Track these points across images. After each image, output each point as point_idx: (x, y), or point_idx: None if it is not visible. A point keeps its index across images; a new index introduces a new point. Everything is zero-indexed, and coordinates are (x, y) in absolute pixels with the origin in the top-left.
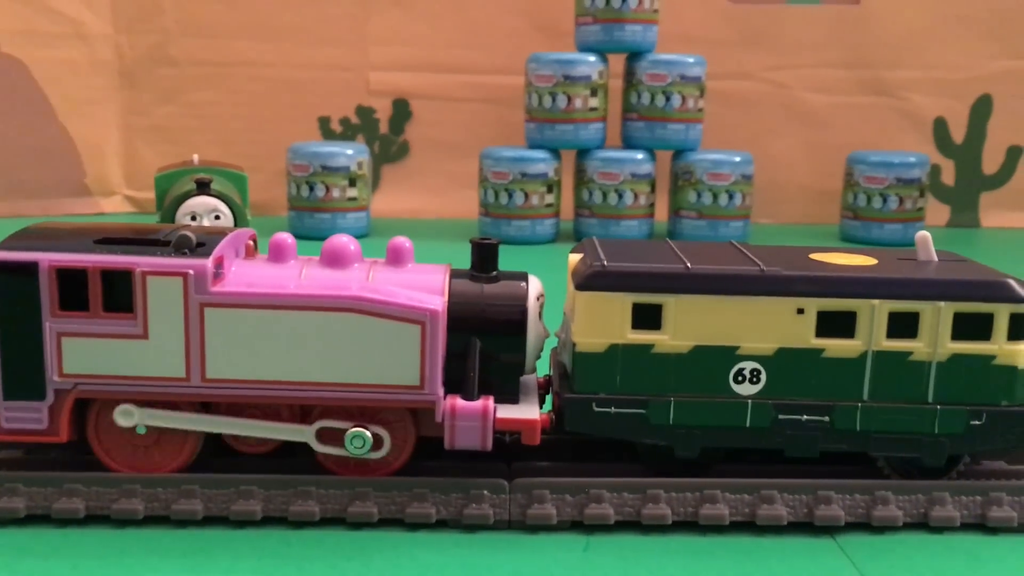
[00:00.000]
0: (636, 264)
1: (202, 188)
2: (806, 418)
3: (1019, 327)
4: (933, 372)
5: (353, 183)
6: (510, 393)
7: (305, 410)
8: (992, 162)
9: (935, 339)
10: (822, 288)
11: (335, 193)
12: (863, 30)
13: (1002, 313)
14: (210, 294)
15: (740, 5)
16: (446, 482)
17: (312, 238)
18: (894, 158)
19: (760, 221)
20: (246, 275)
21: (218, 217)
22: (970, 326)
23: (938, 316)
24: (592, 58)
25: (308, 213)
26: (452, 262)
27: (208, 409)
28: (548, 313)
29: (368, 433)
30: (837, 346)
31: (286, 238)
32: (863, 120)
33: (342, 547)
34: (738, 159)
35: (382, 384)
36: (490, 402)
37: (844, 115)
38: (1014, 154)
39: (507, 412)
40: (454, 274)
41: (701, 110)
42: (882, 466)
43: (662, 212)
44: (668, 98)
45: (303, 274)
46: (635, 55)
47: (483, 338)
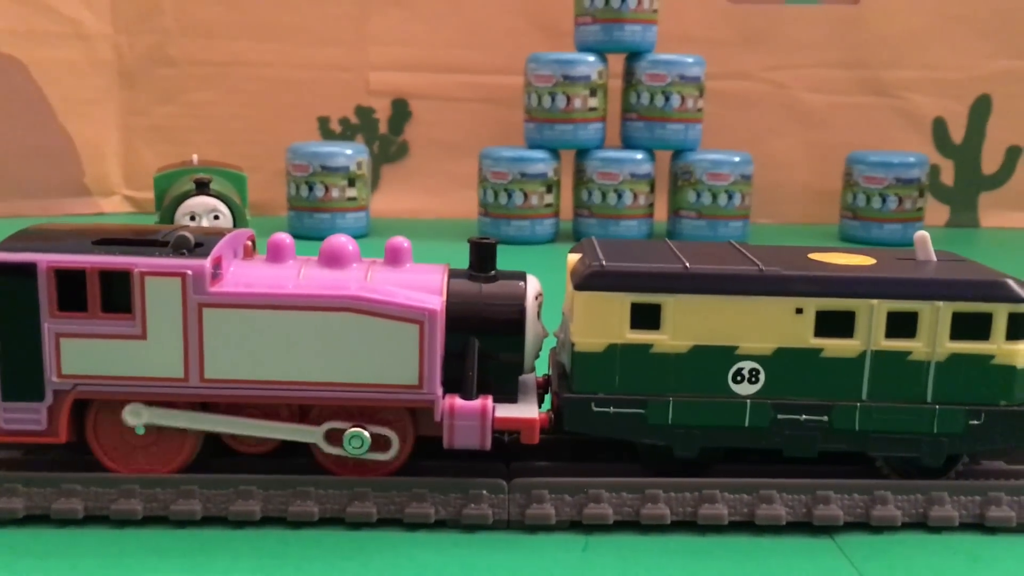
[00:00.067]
0: (635, 264)
1: (201, 188)
2: (805, 418)
3: (1018, 327)
4: (932, 372)
5: (352, 183)
6: (509, 393)
7: (304, 410)
8: (991, 162)
9: (934, 339)
10: (821, 288)
11: (334, 193)
12: (862, 30)
13: (1001, 313)
14: (208, 294)
15: (739, 5)
16: (445, 482)
17: (311, 238)
18: (893, 158)
19: (759, 221)
20: (244, 275)
21: (217, 217)
22: (969, 326)
23: (937, 316)
24: (591, 58)
25: (307, 213)
26: (451, 262)
27: (207, 410)
28: (547, 313)
29: (366, 433)
30: (836, 346)
31: (284, 238)
32: (862, 120)
33: (341, 547)
34: (737, 159)
35: (381, 384)
36: (489, 401)
37: (843, 115)
38: (1013, 154)
39: (506, 411)
40: (452, 274)
41: (700, 110)
42: (881, 466)
43: (661, 212)
44: (667, 98)
45: (301, 274)
46: (634, 55)
47: (482, 338)
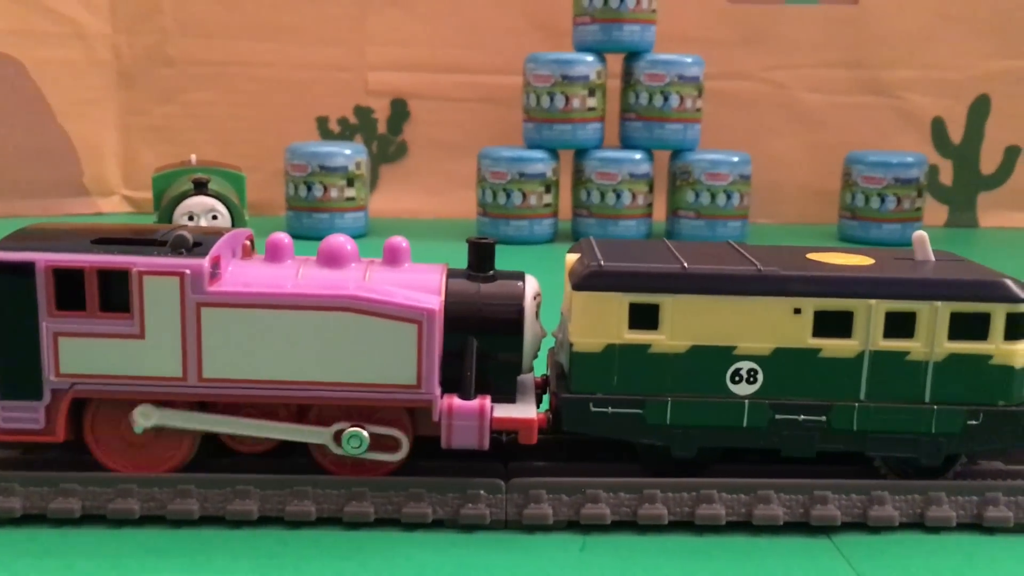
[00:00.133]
0: (633, 264)
1: (199, 188)
2: (803, 418)
3: (1016, 327)
4: (930, 372)
5: (351, 183)
6: (507, 392)
7: (302, 410)
8: (990, 162)
9: (932, 339)
10: (819, 288)
11: (333, 193)
12: (861, 30)
13: (999, 313)
14: (207, 294)
15: (738, 5)
16: (443, 482)
17: (310, 238)
18: (892, 158)
19: (758, 221)
20: (243, 275)
21: (215, 217)
22: (967, 326)
23: (935, 316)
24: (590, 58)
25: (306, 213)
26: (450, 262)
27: (206, 409)
28: (546, 313)
29: (365, 433)
30: (834, 346)
31: (283, 238)
32: (861, 120)
33: (339, 547)
34: (736, 159)
35: (379, 383)
36: (487, 401)
37: (842, 115)
38: (1012, 154)
39: (504, 411)
40: (451, 274)
41: (699, 110)
42: (879, 466)
43: (660, 212)
44: (666, 98)
45: (300, 274)
46: (633, 55)
47: (480, 337)
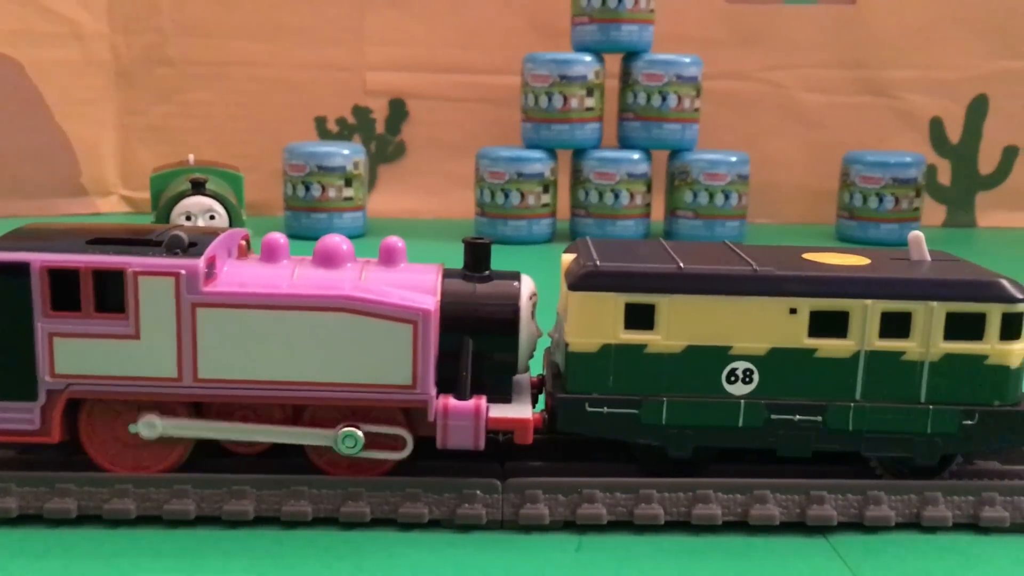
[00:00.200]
0: (629, 264)
1: (197, 188)
2: (799, 418)
3: (1011, 327)
4: (926, 372)
5: (349, 183)
6: (503, 393)
7: (297, 410)
8: (988, 162)
9: (927, 339)
10: (815, 288)
11: (331, 193)
12: (859, 30)
13: (994, 313)
14: (202, 294)
15: (736, 5)
16: (439, 482)
17: (308, 238)
18: (890, 158)
19: (756, 221)
20: (238, 275)
21: (213, 217)
22: (962, 326)
23: (931, 316)
24: (588, 58)
25: (304, 213)
26: (448, 262)
27: (200, 409)
28: (543, 313)
29: (360, 433)
30: (830, 346)
31: (278, 238)
32: (859, 120)
33: (335, 547)
34: (734, 159)
35: (374, 384)
36: (483, 401)
37: (840, 115)
38: (1010, 154)
39: (500, 411)
40: (447, 274)
41: (697, 110)
42: (875, 466)
43: (658, 212)
44: (664, 98)
45: (295, 274)
46: (631, 55)
47: (476, 338)
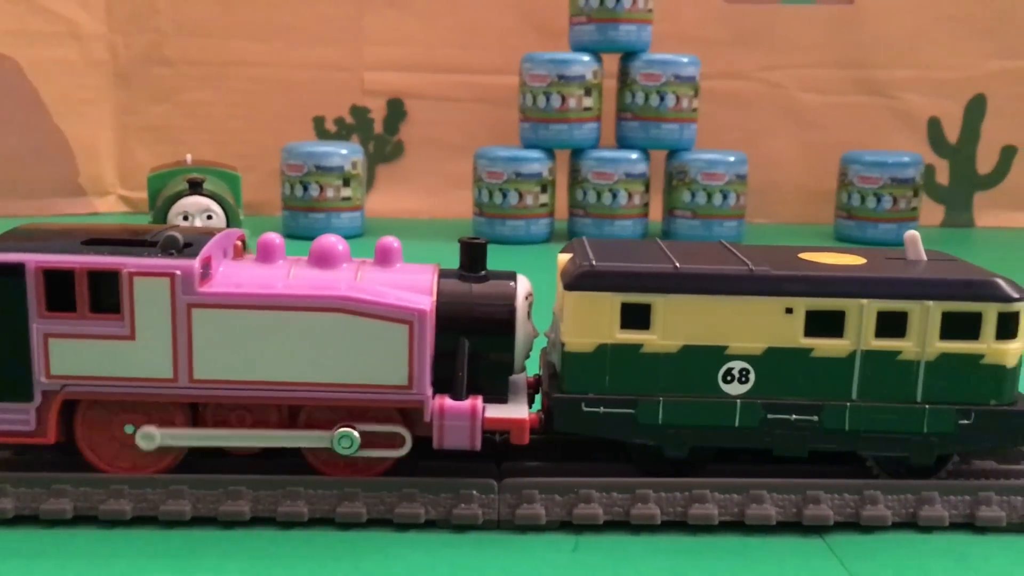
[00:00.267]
0: (625, 264)
1: (194, 188)
2: (795, 418)
3: (1007, 326)
4: (922, 371)
5: (347, 183)
6: (499, 393)
7: (293, 411)
8: (986, 162)
9: (924, 338)
10: (811, 288)
11: (329, 193)
12: (857, 30)
13: (990, 312)
14: (197, 294)
15: (734, 5)
16: (435, 482)
17: (306, 238)
18: (888, 158)
19: (755, 221)
20: (234, 275)
21: (210, 217)
22: (959, 325)
23: (927, 315)
24: (586, 58)
25: (302, 213)
26: (447, 262)
27: (195, 409)
28: (540, 313)
29: (355, 433)
30: (826, 346)
31: (274, 238)
32: (857, 120)
33: (331, 547)
34: (732, 159)
35: (370, 384)
36: (479, 402)
37: (838, 115)
38: (1008, 154)
39: (496, 412)
40: (443, 274)
41: (695, 110)
42: (871, 466)
43: (656, 212)
44: (662, 98)
45: (291, 274)
46: (629, 55)
47: (472, 338)
